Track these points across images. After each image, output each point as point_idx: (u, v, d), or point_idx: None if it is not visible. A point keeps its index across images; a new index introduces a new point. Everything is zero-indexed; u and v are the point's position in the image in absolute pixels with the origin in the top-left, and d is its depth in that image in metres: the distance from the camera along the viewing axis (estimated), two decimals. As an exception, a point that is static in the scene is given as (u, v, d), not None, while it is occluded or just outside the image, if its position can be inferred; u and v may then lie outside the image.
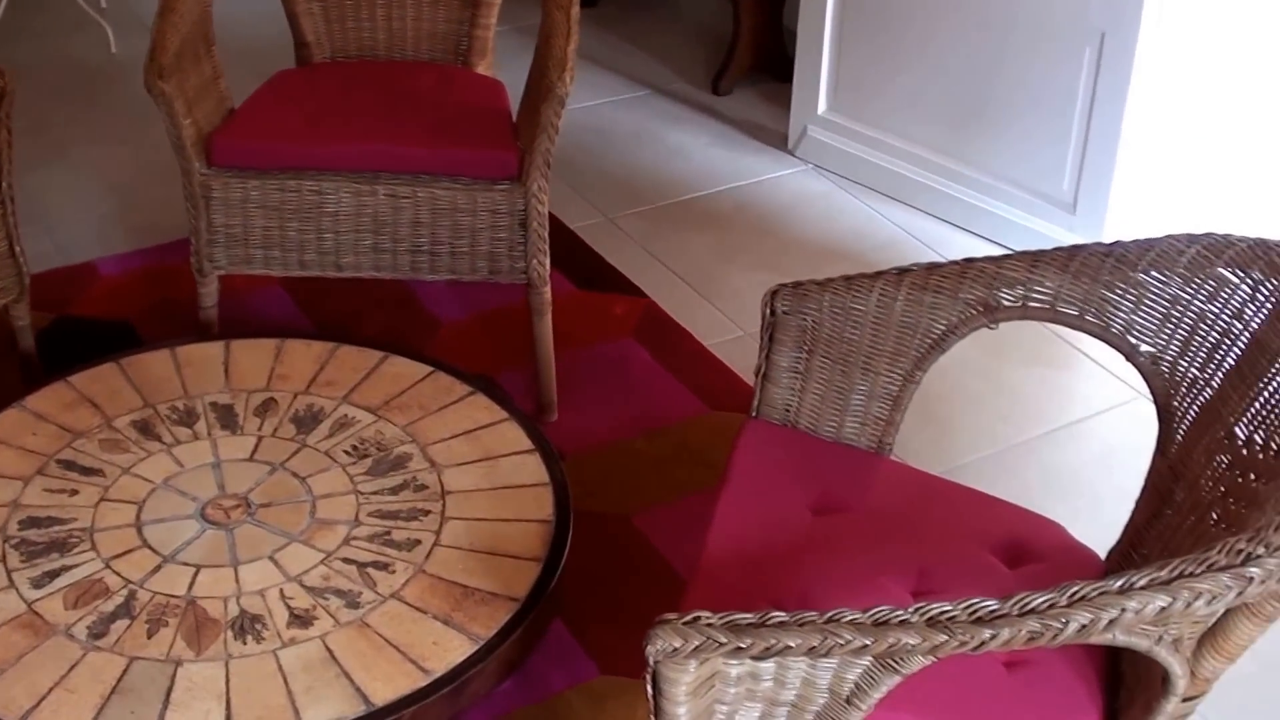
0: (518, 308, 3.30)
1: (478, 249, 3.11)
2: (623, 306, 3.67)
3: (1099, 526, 2.35)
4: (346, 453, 2.58)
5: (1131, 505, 2.26)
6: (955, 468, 3.22)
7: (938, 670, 1.71)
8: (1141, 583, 1.59)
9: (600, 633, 2.73)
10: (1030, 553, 2.21)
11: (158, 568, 2.35)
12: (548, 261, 3.12)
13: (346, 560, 2.37)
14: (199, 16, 3.17)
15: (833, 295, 2.28)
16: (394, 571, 2.36)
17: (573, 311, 3.58)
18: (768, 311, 2.31)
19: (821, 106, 4.28)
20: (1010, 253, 2.28)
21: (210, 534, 2.41)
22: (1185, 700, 1.83)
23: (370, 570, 2.36)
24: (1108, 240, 3.76)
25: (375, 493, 2.50)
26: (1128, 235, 3.84)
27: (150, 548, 2.38)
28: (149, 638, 2.24)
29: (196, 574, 2.34)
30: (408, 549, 2.39)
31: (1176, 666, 1.76)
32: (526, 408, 3.11)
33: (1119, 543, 2.26)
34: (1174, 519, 2.14)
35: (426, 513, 2.47)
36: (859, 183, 4.24)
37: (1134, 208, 3.88)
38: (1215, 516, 2.04)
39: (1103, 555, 2.27)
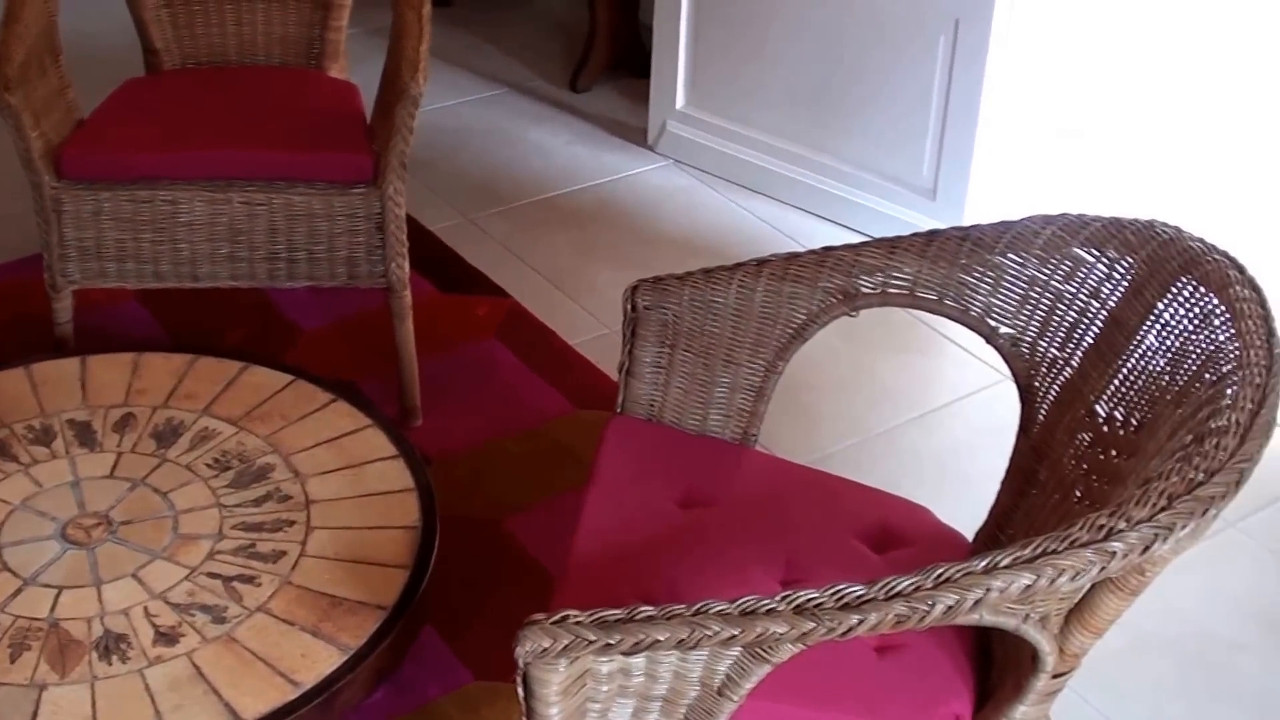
0: (379, 312, 3.26)
1: (336, 254, 3.07)
2: (486, 308, 3.65)
3: (967, 509, 2.36)
4: (208, 466, 2.54)
5: (998, 487, 2.28)
6: (824, 456, 3.23)
7: (809, 658, 1.71)
8: (1005, 562, 1.60)
9: (473, 638, 2.70)
10: (898, 538, 2.22)
11: (18, 591, 2.30)
12: (406, 265, 3.09)
13: (211, 575, 2.34)
14: (44, 26, 3.10)
15: (693, 289, 2.27)
16: (260, 584, 2.32)
17: (435, 314, 3.55)
18: (629, 307, 2.30)
19: (680, 101, 4.28)
20: (869, 240, 2.29)
21: (71, 554, 2.36)
22: (1055, 677, 1.84)
23: (236, 584, 2.32)
24: (978, 224, 3.81)
25: (238, 505, 2.46)
26: (989, 219, 3.90)
27: (10, 571, 2.33)
28: (11, 663, 2.19)
29: (59, 595, 2.29)
30: (273, 561, 2.36)
31: (1045, 644, 1.77)
32: (391, 413, 3.08)
33: (986, 524, 2.27)
34: (1039, 498, 2.15)
35: (291, 523, 2.43)
36: (721, 176, 4.24)
37: (994, 192, 3.92)
38: (1079, 494, 2.05)
39: (971, 537, 2.29)
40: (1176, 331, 2.02)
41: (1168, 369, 2.01)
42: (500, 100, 4.66)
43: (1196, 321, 1.99)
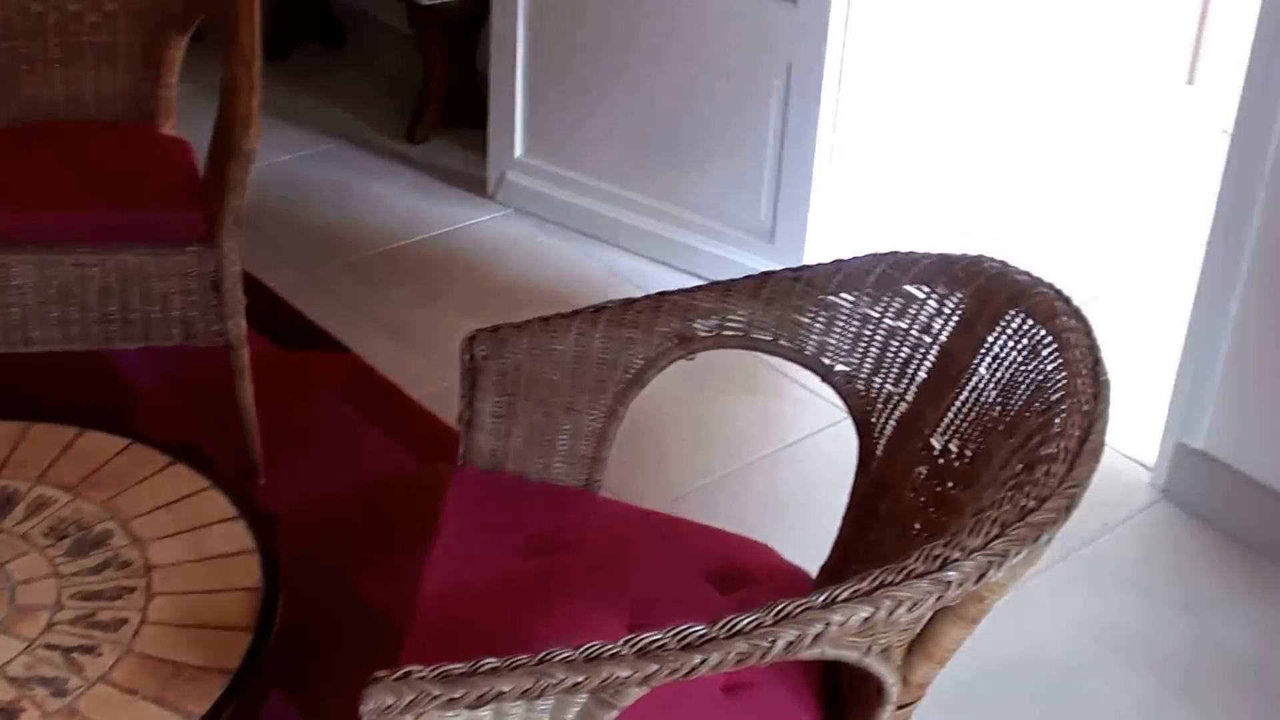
0: (218, 371, 3.23)
1: (171, 314, 3.03)
2: (327, 363, 3.62)
3: (813, 546, 2.38)
4: (44, 535, 2.49)
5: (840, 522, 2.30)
6: (670, 500, 3.24)
7: (657, 700, 1.71)
8: (844, 595, 1.61)
9: (322, 698, 2.67)
10: (743, 577, 2.23)
11: None
12: (244, 322, 3.06)
13: (50, 646, 2.28)
14: None
15: (530, 337, 2.27)
16: (101, 654, 2.27)
17: (275, 371, 3.52)
18: (466, 358, 2.29)
19: (518, 150, 4.29)
20: (704, 284, 2.30)
21: (-98, 631, 2.30)
22: (900, 708, 1.86)
23: (76, 655, 2.27)
24: (810, 264, 3.85)
25: (77, 574, 2.41)
26: (828, 258, 3.94)
27: None
28: None
29: (-109, 675, 2.23)
30: (114, 629, 2.31)
31: (888, 675, 1.79)
32: (232, 473, 3.04)
33: (829, 560, 2.29)
34: (880, 532, 2.18)
35: (131, 590, 2.39)
36: (561, 224, 4.25)
37: (833, 233, 3.97)
38: (918, 526, 2.08)
39: (815, 574, 2.30)
40: (1006, 363, 2.06)
41: (999, 400, 2.04)
42: (337, 154, 4.63)
43: (1025, 353, 2.03)
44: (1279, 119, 2.98)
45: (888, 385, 2.22)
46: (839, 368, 2.25)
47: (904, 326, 2.21)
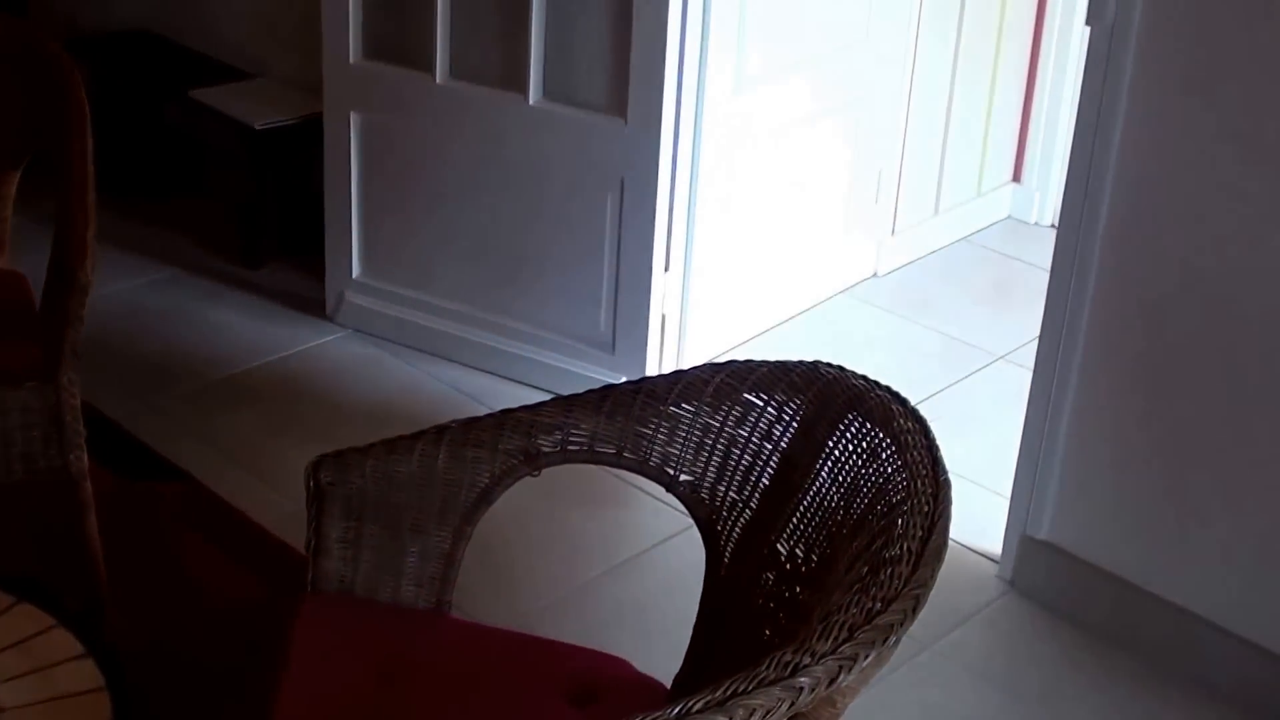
0: (60, 505, 3.17)
1: (11, 450, 2.98)
2: (171, 493, 3.58)
3: (668, 656, 2.39)
4: (-118, 683, 2.43)
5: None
6: (523, 617, 3.23)
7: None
8: (698, 706, 1.62)
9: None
10: (599, 693, 2.23)
11: None
12: (85, 455, 3.02)
13: (-109, 797, 2.23)
14: None
15: (375, 460, 2.27)
16: (-55, 802, 2.22)
17: (119, 503, 3.47)
18: (310, 484, 2.29)
19: (356, 271, 4.29)
20: (547, 400, 2.32)
21: None
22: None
23: (-81, 804, 2.22)
24: (651, 376, 3.88)
25: (-82, 720, 2.36)
26: (669, 368, 3.98)
27: None
28: None
29: None
30: (-41, 775, 2.26)
31: (745, 785, 1.80)
32: (78, 609, 2.98)
33: (682, 670, 2.30)
34: (731, 639, 2.20)
35: (-23, 734, 2.33)
36: (402, 343, 4.25)
37: (673, 341, 4.01)
38: (768, 632, 2.10)
39: (670, 684, 2.31)
40: (847, 467, 2.10)
41: (842, 504, 2.08)
42: (174, 281, 4.60)
43: (865, 456, 2.07)
44: (1102, 212, 3.07)
45: (731, 493, 2.25)
46: (683, 477, 2.28)
47: (745, 434, 2.24)
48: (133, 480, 3.62)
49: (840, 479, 2.10)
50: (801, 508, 2.14)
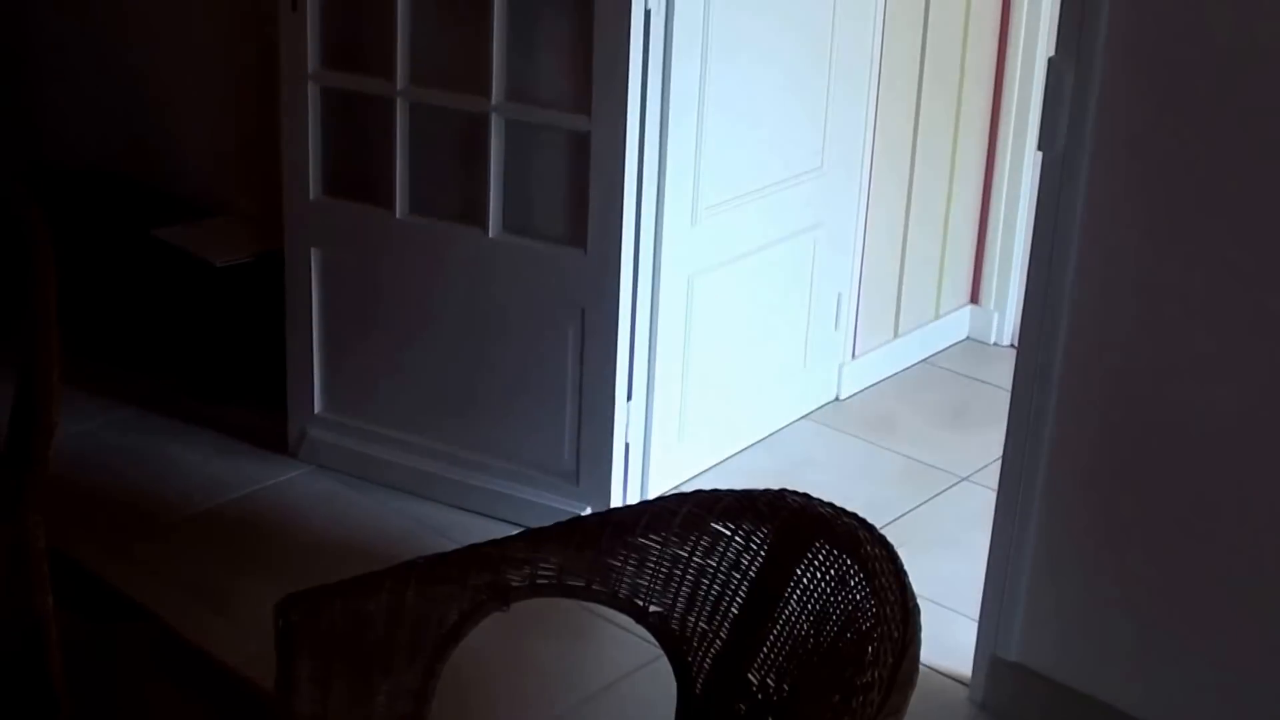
0: (25, 647, 3.14)
1: (-28, 596, 2.97)
2: (137, 634, 3.55)
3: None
4: None
5: (664, 764, 2.30)
6: (494, 751, 3.21)
7: None
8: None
9: None
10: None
11: None
12: (50, 599, 2.99)
13: None
14: None
15: (343, 598, 2.26)
16: None
17: (83, 645, 3.43)
18: (279, 623, 2.27)
19: (318, 407, 4.28)
20: (515, 534, 2.32)
21: None
22: None
23: None
24: (615, 506, 3.89)
25: None
26: (634, 497, 3.98)
27: None
28: None
29: None
30: None
31: None
32: (42, 757, 2.95)
33: (656, 804, 2.28)
34: (705, 772, 2.18)
35: None
36: (367, 479, 4.24)
37: (637, 470, 4.02)
38: (742, 764, 2.09)
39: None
40: (816, 595, 2.10)
41: (812, 631, 2.07)
42: (136, 419, 4.59)
43: (834, 583, 2.07)
44: (1061, 332, 3.10)
45: (701, 623, 2.24)
46: (652, 609, 2.27)
47: (714, 564, 2.24)
48: (97, 621, 3.59)
49: (809, 607, 2.10)
50: (771, 636, 2.14)
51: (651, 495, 4.08)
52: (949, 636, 3.54)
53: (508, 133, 3.81)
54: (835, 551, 2.08)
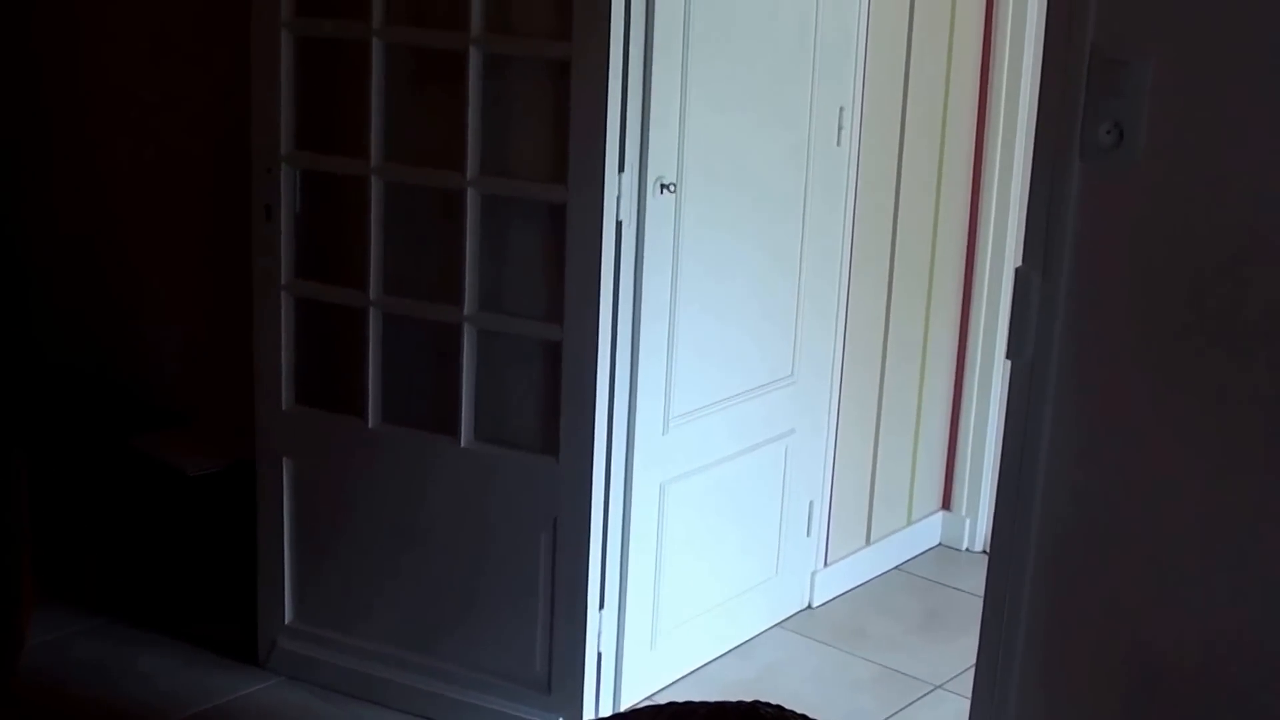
0: None
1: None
2: None
3: None
4: None
5: None
6: None
7: None
8: None
9: None
10: None
11: None
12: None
13: None
14: None
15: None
16: None
17: None
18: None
19: (288, 617, 4.25)
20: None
21: None
22: None
23: None
24: (589, 717, 3.86)
25: None
26: (607, 707, 3.95)
27: None
28: None
29: None
30: None
31: None
32: None
33: None
34: None
35: None
36: (338, 690, 4.19)
37: (610, 679, 3.99)
38: None
39: None
40: (791, 808, 2.07)
41: (787, 846, 2.05)
42: (105, 630, 4.54)
43: (808, 795, 2.05)
44: (1033, 539, 3.09)
45: (676, 839, 2.22)
46: (626, 824, 2.24)
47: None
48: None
49: (784, 821, 2.08)
50: None
51: (625, 705, 4.05)
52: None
53: (480, 342, 3.84)
54: (809, 764, 2.07)
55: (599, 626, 3.92)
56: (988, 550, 3.27)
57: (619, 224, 3.69)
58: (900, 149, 4.79)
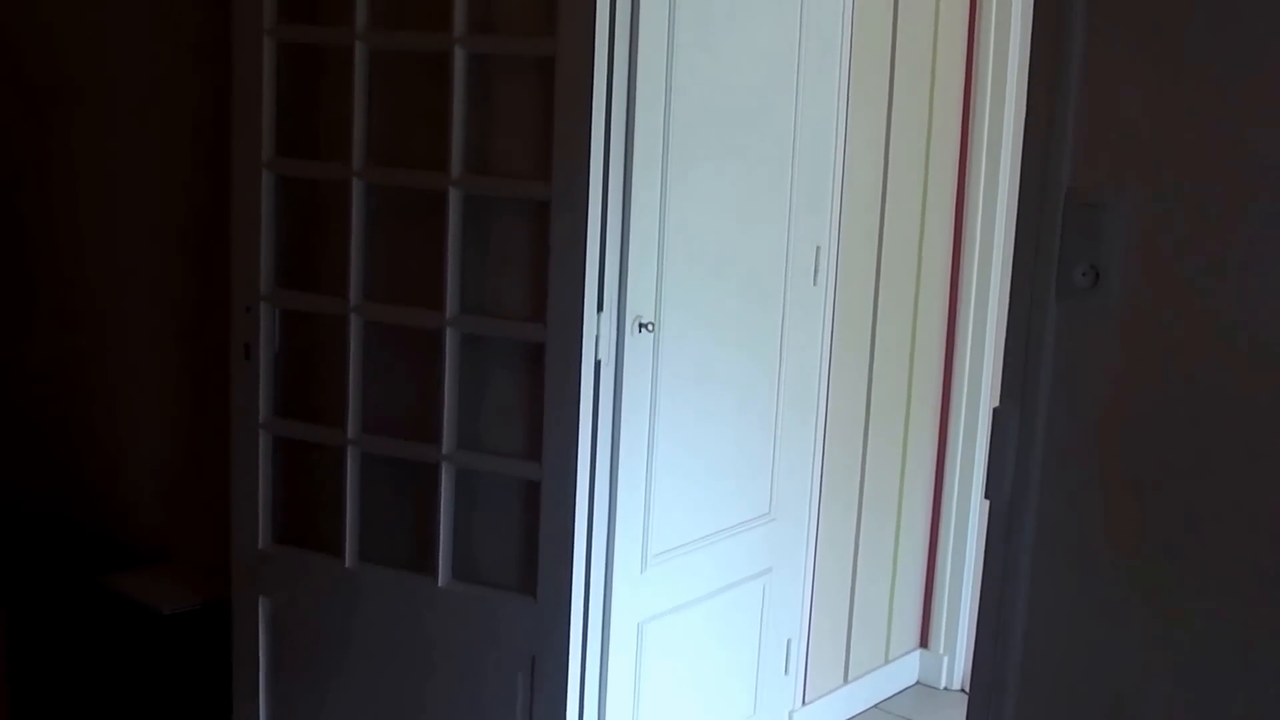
0: None
1: None
2: None
3: None
4: None
5: None
6: None
7: None
8: None
9: None
10: None
11: None
12: None
13: None
14: None
15: None
16: None
17: None
18: None
19: (264, 758, 4.21)
20: None
21: None
22: None
23: None
24: None
25: None
26: None
27: None
28: None
29: None
30: None
31: None
32: None
33: None
34: None
35: None
36: (309, 832, 4.14)
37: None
38: None
39: None
40: None
41: None
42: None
43: None
44: (1012, 678, 3.08)
45: None
46: None
47: None
48: None
49: None
50: None
51: None
52: None
53: (459, 481, 3.84)
54: None
55: (578, 767, 3.89)
56: (966, 689, 3.25)
57: (598, 363, 3.71)
58: (876, 289, 4.83)
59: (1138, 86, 2.61)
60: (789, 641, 4.66)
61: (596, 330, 3.69)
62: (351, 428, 3.91)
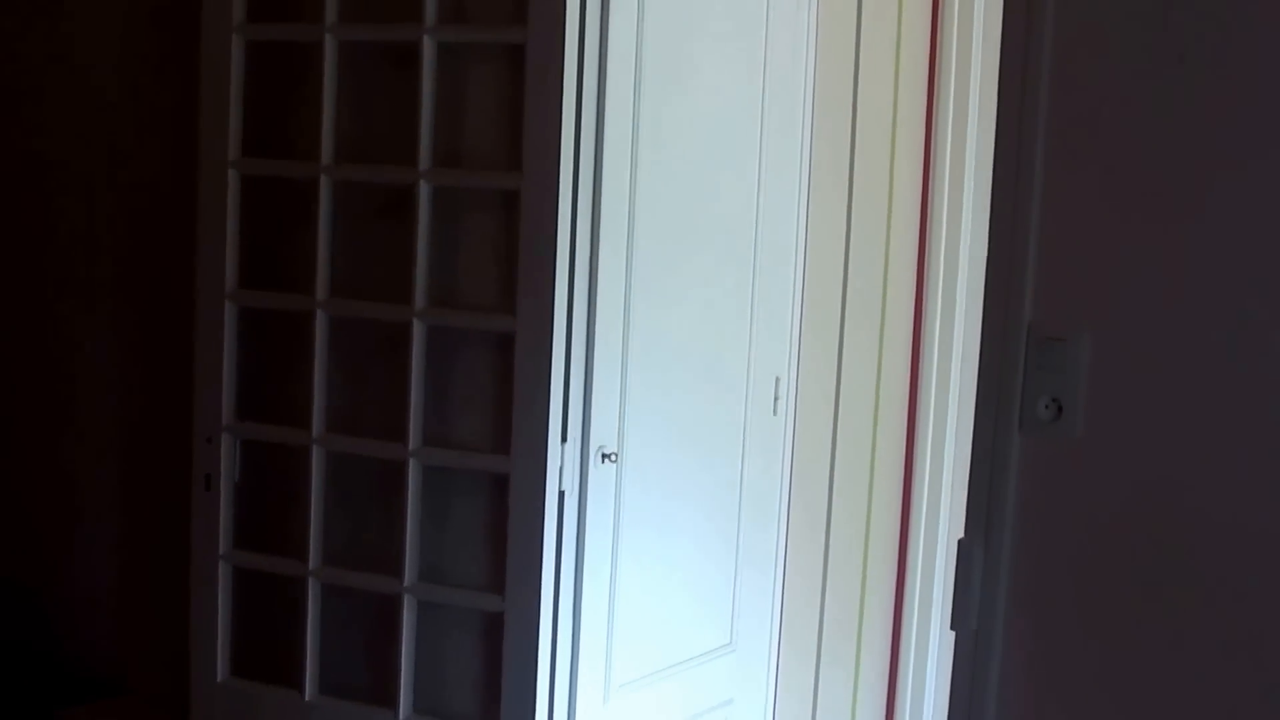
0: None
1: None
2: None
3: None
4: None
5: None
6: None
7: None
8: None
9: None
10: None
11: None
12: None
13: None
14: None
15: None
16: None
17: None
18: None
19: None
20: None
21: None
22: None
23: None
24: None
25: None
26: None
27: None
28: None
29: None
30: None
31: None
32: None
33: None
34: None
35: None
36: None
37: None
38: None
39: None
40: None
41: None
42: None
43: None
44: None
45: None
46: None
47: None
48: None
49: None
50: None
51: None
52: None
53: (420, 613, 3.82)
54: None
55: None
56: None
57: (561, 494, 3.71)
58: (835, 420, 4.85)
59: (1095, 227, 2.66)
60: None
61: (560, 461, 3.69)
62: (313, 559, 3.89)
